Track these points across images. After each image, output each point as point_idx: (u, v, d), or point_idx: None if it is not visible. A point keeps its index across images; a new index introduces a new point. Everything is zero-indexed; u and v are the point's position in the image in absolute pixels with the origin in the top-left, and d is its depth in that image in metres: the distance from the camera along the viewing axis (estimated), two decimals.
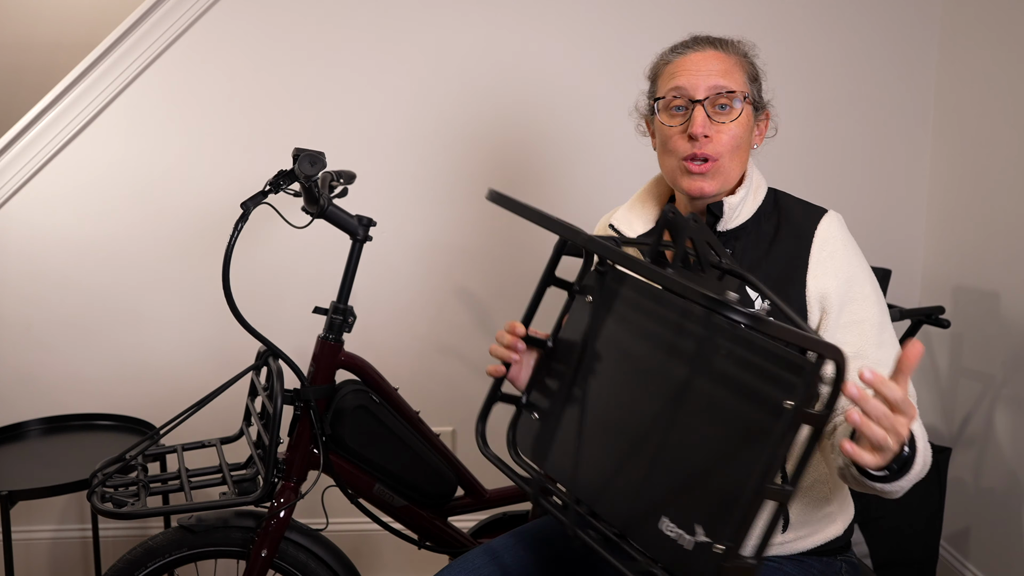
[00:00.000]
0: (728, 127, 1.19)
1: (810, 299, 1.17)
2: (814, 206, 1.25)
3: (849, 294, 1.17)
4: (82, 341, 2.15)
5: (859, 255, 1.22)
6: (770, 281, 1.19)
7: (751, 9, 2.14)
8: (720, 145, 1.19)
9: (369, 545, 2.26)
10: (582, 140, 2.17)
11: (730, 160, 1.20)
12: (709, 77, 1.19)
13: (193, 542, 1.50)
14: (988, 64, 1.97)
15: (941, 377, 2.15)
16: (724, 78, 1.19)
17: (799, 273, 1.18)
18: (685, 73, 1.20)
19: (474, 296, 2.22)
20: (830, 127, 2.19)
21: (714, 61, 1.20)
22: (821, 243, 1.19)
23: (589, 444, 1.01)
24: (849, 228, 1.24)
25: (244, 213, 1.40)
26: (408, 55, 2.10)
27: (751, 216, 1.23)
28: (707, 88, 1.19)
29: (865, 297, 1.18)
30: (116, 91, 2.05)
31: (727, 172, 1.20)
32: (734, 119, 1.19)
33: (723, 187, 1.21)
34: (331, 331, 1.54)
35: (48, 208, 2.09)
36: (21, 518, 2.16)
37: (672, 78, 1.22)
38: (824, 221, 1.21)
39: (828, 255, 1.19)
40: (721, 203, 1.21)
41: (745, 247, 1.22)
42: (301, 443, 1.53)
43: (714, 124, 1.18)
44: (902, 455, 0.95)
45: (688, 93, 1.19)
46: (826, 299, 1.17)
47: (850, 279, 1.18)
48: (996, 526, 1.96)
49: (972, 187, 2.04)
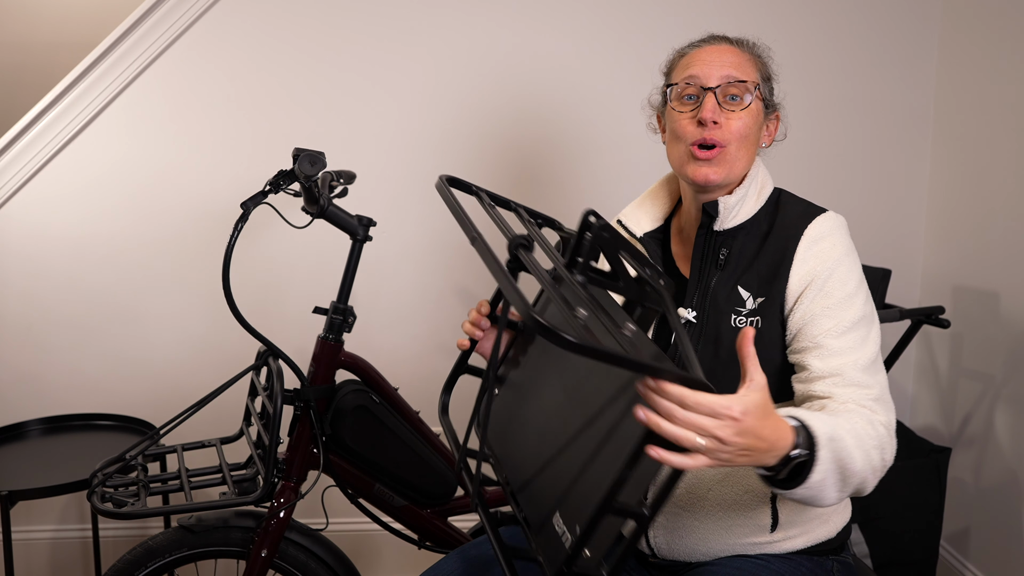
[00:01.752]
0: (738, 115, 1.20)
1: (790, 289, 1.16)
2: (815, 206, 1.24)
3: (828, 284, 1.15)
4: (82, 341, 2.15)
5: (852, 256, 1.19)
6: (760, 279, 1.20)
7: (751, 9, 2.14)
8: (728, 132, 1.20)
9: (369, 545, 2.26)
10: (582, 140, 2.16)
11: (737, 149, 1.21)
12: (722, 68, 1.21)
13: (193, 542, 1.50)
14: (988, 64, 1.97)
15: (941, 377, 2.15)
16: (737, 69, 1.21)
17: (784, 269, 1.18)
18: (699, 63, 1.23)
19: (474, 296, 2.22)
20: (830, 127, 2.19)
21: (728, 54, 1.23)
22: (810, 241, 1.18)
23: (524, 431, 1.09)
24: (850, 228, 1.23)
25: (244, 213, 1.40)
26: (409, 54, 2.11)
27: (751, 216, 1.23)
28: (719, 77, 1.20)
29: (846, 295, 1.15)
30: (116, 91, 2.05)
31: (733, 162, 1.21)
32: (744, 108, 1.20)
33: (728, 177, 1.21)
34: (331, 331, 1.54)
35: (48, 208, 2.09)
36: (21, 518, 2.16)
37: (686, 68, 1.24)
38: (818, 220, 1.20)
39: (815, 254, 1.17)
40: (716, 203, 1.21)
41: (742, 246, 1.23)
42: (301, 443, 1.53)
43: (724, 112, 1.20)
44: (788, 458, 0.93)
45: (701, 81, 1.21)
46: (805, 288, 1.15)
47: (832, 272, 1.15)
48: (996, 526, 1.96)
49: (972, 187, 2.04)
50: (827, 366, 1.12)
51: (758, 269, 1.20)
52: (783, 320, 1.18)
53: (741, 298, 1.20)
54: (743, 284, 1.20)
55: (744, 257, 1.22)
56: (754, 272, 1.21)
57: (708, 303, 1.22)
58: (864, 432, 1.03)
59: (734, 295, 1.20)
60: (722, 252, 1.22)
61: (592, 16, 2.12)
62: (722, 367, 1.19)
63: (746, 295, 1.20)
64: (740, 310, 1.19)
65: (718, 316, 1.20)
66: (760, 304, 1.19)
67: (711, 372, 1.19)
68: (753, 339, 0.91)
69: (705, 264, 1.23)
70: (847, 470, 0.99)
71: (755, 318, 1.18)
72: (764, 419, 0.88)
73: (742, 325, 1.18)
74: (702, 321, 1.22)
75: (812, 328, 1.14)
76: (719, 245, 1.23)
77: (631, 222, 1.34)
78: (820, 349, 1.13)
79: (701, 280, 1.23)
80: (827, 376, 1.11)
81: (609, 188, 2.18)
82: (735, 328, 1.19)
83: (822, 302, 1.15)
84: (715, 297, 1.21)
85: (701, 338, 1.21)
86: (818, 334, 1.14)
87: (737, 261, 1.22)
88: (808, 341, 1.14)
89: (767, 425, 0.89)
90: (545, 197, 2.18)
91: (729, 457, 0.86)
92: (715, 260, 1.23)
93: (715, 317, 1.21)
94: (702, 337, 1.21)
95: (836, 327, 1.13)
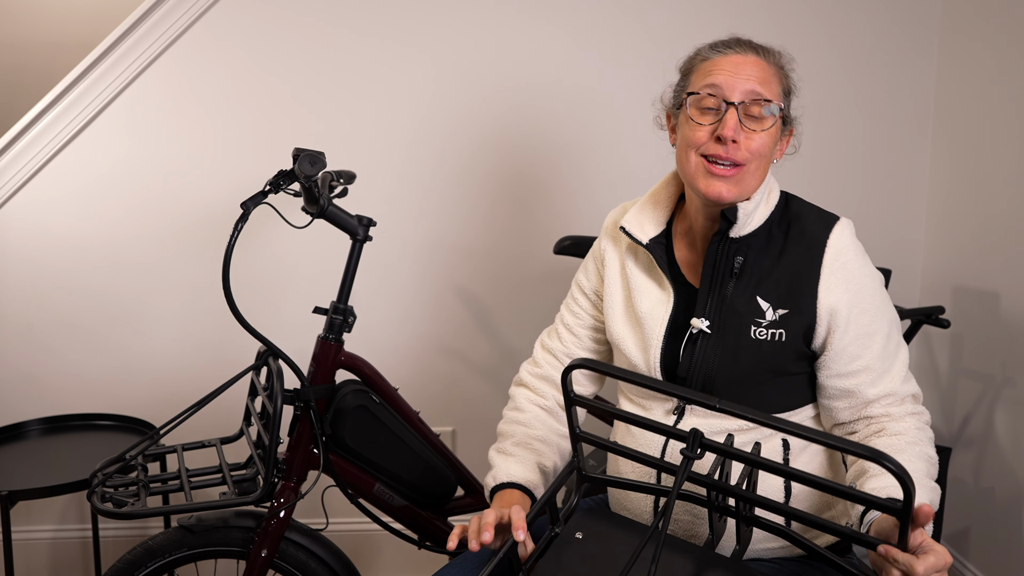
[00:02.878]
0: (758, 135, 1.16)
1: (820, 312, 1.16)
2: (826, 213, 1.23)
3: (859, 306, 1.17)
4: (82, 341, 2.15)
5: (869, 265, 1.21)
6: (781, 290, 1.18)
7: (751, 10, 2.13)
8: (748, 152, 1.15)
9: (369, 545, 2.26)
10: (583, 140, 2.16)
11: (756, 168, 1.17)
12: (748, 81, 1.16)
13: (193, 542, 1.50)
14: (988, 64, 1.97)
15: (941, 377, 2.15)
16: (762, 86, 1.16)
17: (811, 285, 1.17)
18: (723, 73, 1.17)
19: (474, 296, 2.22)
20: (830, 127, 2.19)
21: (754, 67, 1.17)
22: (834, 254, 1.17)
23: None
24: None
25: (244, 213, 1.40)
26: (410, 55, 2.10)
27: (763, 223, 1.21)
28: (744, 92, 1.15)
29: (876, 308, 1.18)
30: (116, 91, 2.05)
31: (748, 181, 1.17)
32: (765, 129, 1.16)
33: (741, 195, 1.18)
34: (331, 331, 1.54)
35: (48, 208, 2.09)
36: (21, 518, 2.16)
37: (708, 75, 1.18)
38: (836, 230, 1.19)
39: (840, 266, 1.17)
40: (736, 208, 1.18)
41: (757, 255, 1.20)
42: (301, 443, 1.53)
43: (744, 130, 1.15)
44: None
45: (724, 93, 1.16)
46: (835, 315, 1.16)
47: (860, 290, 1.17)
48: (996, 526, 1.96)
49: (972, 187, 2.04)
50: (879, 390, 1.18)
51: (778, 279, 1.18)
52: (809, 336, 1.18)
53: (760, 309, 1.17)
54: (762, 295, 1.18)
55: (761, 266, 1.19)
56: (773, 282, 1.18)
57: (724, 313, 1.19)
58: (927, 453, 1.15)
59: (753, 305, 1.18)
60: (737, 260, 1.19)
61: (594, 16, 2.12)
62: (741, 380, 1.17)
63: (765, 306, 1.17)
64: (760, 321, 1.17)
65: (736, 327, 1.18)
66: (782, 316, 1.17)
67: (729, 385, 1.18)
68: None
69: (718, 272, 1.20)
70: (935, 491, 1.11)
71: (777, 331, 1.17)
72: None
73: (762, 337, 1.17)
74: (717, 332, 1.19)
75: (856, 348, 1.17)
76: (734, 253, 1.19)
77: (634, 228, 1.28)
78: (869, 372, 1.17)
79: (714, 288, 1.20)
80: (881, 398, 1.18)
81: (608, 190, 2.17)
82: (755, 340, 1.17)
83: (859, 320, 1.17)
84: (733, 307, 1.18)
85: (719, 350, 1.18)
86: (865, 356, 1.17)
87: (753, 270, 1.19)
88: (855, 364, 1.17)
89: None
90: (545, 196, 2.19)
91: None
92: (730, 268, 1.19)
93: (733, 328, 1.18)
94: (720, 349, 1.18)
95: (880, 346, 1.18)
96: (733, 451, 0.96)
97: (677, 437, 0.99)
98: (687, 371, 1.20)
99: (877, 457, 0.87)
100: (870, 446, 1.05)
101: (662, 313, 1.24)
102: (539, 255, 2.20)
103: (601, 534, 1.05)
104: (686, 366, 1.20)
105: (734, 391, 1.16)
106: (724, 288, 1.19)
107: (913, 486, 0.86)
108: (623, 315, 1.29)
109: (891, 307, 1.22)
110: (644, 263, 1.29)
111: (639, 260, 1.30)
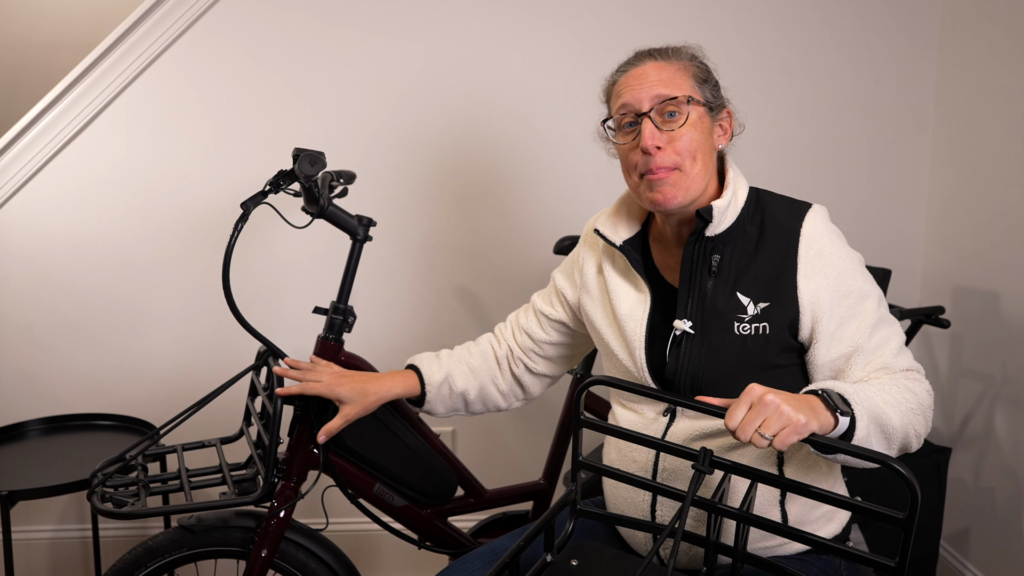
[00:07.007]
0: (679, 133, 1.18)
1: (803, 301, 1.16)
2: (797, 202, 1.23)
3: (840, 290, 1.17)
4: (82, 341, 2.15)
5: (845, 247, 1.20)
6: (760, 284, 1.18)
7: (751, 10, 2.14)
8: (676, 153, 1.18)
9: (369, 545, 2.26)
10: (583, 140, 2.16)
11: (691, 166, 1.19)
12: (652, 87, 1.19)
13: (193, 542, 1.50)
14: (988, 64, 1.97)
15: (941, 377, 2.15)
16: (666, 86, 1.19)
17: (789, 276, 1.17)
18: (628, 89, 1.21)
19: (474, 296, 2.22)
20: (830, 127, 2.19)
21: (654, 71, 1.20)
22: (808, 242, 1.18)
23: None
24: (849, 228, 1.24)
25: (244, 213, 1.40)
26: (409, 55, 2.11)
27: (735, 219, 1.21)
28: (651, 99, 1.18)
29: (859, 290, 1.18)
30: (116, 91, 2.05)
31: (691, 179, 1.19)
32: (682, 124, 1.18)
33: (688, 195, 1.19)
34: (331, 331, 1.54)
35: (48, 208, 2.10)
36: (21, 518, 2.16)
37: (619, 96, 1.22)
38: (808, 218, 1.20)
39: (816, 254, 1.18)
40: (711, 208, 1.19)
41: (733, 251, 1.21)
42: (301, 443, 1.53)
43: (664, 133, 1.18)
44: (833, 406, 1.02)
45: (634, 108, 1.19)
46: (818, 303, 1.16)
47: (840, 274, 1.17)
48: (996, 526, 1.96)
49: (972, 187, 2.04)
50: (871, 368, 1.17)
51: (756, 273, 1.19)
52: (794, 328, 1.18)
53: (741, 304, 1.18)
54: (742, 290, 1.19)
55: (738, 262, 1.20)
56: (752, 277, 1.19)
57: (706, 312, 1.19)
58: (894, 394, 1.12)
59: (733, 302, 1.18)
60: (714, 259, 1.20)
61: (598, 16, 2.12)
62: (728, 377, 1.18)
63: (746, 301, 1.18)
64: (742, 317, 1.18)
65: (719, 325, 1.18)
66: (764, 310, 1.17)
67: (716, 384, 1.18)
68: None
69: (696, 271, 1.21)
70: (887, 426, 1.07)
71: (760, 324, 1.17)
72: (779, 390, 0.99)
73: (746, 332, 1.17)
74: (701, 332, 1.20)
75: (844, 332, 1.16)
76: (710, 251, 1.20)
77: (608, 230, 1.31)
78: (860, 353, 1.16)
79: (693, 288, 1.21)
80: (873, 373, 1.17)
81: (608, 190, 2.17)
82: (739, 336, 1.17)
83: (843, 303, 1.17)
84: (714, 305, 1.19)
85: (704, 349, 1.19)
86: (855, 339, 1.16)
87: (731, 266, 1.20)
88: (845, 347, 1.16)
89: (785, 393, 0.99)
90: (545, 197, 2.19)
91: (789, 411, 0.95)
92: (707, 267, 1.20)
93: (716, 326, 1.19)
94: (705, 348, 1.19)
95: (868, 326, 1.17)
96: (742, 467, 1.00)
97: (687, 456, 1.02)
98: (674, 373, 1.21)
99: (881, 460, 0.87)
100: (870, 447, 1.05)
101: (640, 314, 1.25)
102: (539, 255, 2.20)
103: (597, 563, 1.06)
104: (672, 368, 1.21)
105: (722, 389, 1.16)
106: (703, 287, 1.20)
107: (919, 496, 0.87)
108: (604, 319, 1.32)
109: (875, 286, 1.21)
110: (620, 266, 1.32)
111: (616, 263, 1.33)
